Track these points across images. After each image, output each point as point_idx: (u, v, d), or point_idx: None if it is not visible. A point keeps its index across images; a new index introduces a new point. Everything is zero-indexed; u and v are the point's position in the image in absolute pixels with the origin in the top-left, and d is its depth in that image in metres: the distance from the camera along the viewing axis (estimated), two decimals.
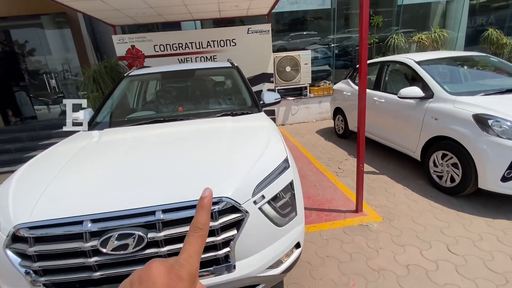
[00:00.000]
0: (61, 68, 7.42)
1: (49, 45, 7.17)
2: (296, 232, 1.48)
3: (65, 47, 7.24)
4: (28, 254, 1.12)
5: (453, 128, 2.73)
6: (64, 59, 7.35)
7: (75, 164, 1.46)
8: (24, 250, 1.12)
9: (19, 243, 1.15)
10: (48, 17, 6.72)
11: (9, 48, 7.18)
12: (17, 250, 1.15)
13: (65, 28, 6.79)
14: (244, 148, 1.59)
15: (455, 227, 2.36)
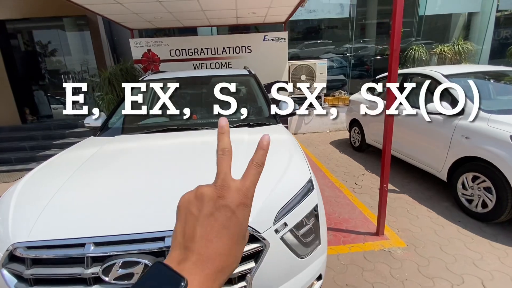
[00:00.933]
0: (79, 69, 7.55)
1: (69, 46, 7.33)
2: (318, 263, 1.32)
3: (83, 49, 7.37)
4: (23, 277, 1.01)
5: (487, 149, 2.51)
6: (82, 60, 7.48)
7: (81, 177, 1.35)
8: (21, 272, 1.00)
9: (16, 263, 1.04)
10: (69, 19, 6.87)
11: (30, 48, 7.38)
12: (14, 271, 1.04)
13: (84, 30, 6.91)
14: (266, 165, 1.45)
15: (489, 260, 2.13)
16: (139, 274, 0.98)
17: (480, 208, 2.62)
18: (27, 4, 6.08)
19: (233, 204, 0.30)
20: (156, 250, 1.01)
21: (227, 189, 0.30)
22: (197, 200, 0.30)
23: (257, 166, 0.33)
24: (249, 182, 0.32)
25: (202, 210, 0.30)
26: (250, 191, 0.31)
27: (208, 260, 0.28)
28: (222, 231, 0.29)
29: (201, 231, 0.29)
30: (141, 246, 1.01)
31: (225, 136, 0.34)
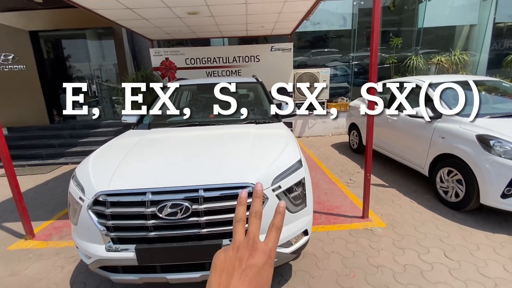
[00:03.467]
0: (100, 75, 8.25)
1: (93, 54, 8.05)
2: (305, 220, 1.80)
3: (106, 57, 8.09)
4: (105, 214, 1.53)
5: (458, 147, 2.94)
6: (105, 67, 8.19)
7: (136, 152, 1.89)
8: (103, 211, 1.53)
9: (99, 206, 1.56)
10: (95, 30, 7.60)
11: (59, 55, 8.13)
12: (97, 211, 1.56)
13: (108, 40, 7.63)
14: (266, 149, 1.95)
15: (454, 237, 2.55)
16: (181, 213, 1.49)
17: (454, 198, 3.04)
18: (58, 17, 6.80)
19: (260, 263, 0.35)
20: (192, 197, 1.52)
21: (255, 250, 0.35)
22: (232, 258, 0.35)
23: (277, 229, 0.38)
24: (271, 244, 0.37)
25: (235, 267, 0.35)
26: (272, 252, 0.36)
27: None
28: (250, 285, 0.33)
29: (234, 284, 0.34)
30: (182, 195, 1.52)
31: (259, 201, 0.39)
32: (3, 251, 2.66)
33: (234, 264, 0.35)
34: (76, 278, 2.21)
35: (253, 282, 0.34)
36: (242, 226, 0.39)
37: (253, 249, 0.36)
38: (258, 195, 0.41)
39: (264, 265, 0.35)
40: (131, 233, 1.54)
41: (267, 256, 0.36)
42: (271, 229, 0.39)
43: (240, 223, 0.40)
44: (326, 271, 2.17)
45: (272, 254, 0.36)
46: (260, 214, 0.39)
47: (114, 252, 1.55)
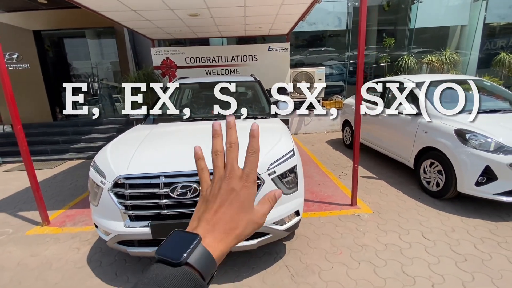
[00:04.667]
0: (101, 74, 8.45)
1: (94, 53, 8.25)
2: (296, 202, 2.06)
3: (108, 56, 8.29)
4: (124, 195, 1.78)
5: (438, 140, 3.22)
6: (106, 65, 8.40)
7: (149, 142, 2.15)
8: (122, 192, 1.78)
9: (118, 188, 1.81)
10: (97, 30, 7.79)
11: (61, 54, 8.32)
12: (117, 192, 1.81)
13: (110, 39, 7.82)
14: (263, 139, 2.20)
15: (433, 221, 2.83)
16: (190, 193, 1.74)
17: (435, 187, 3.32)
18: (61, 17, 6.99)
19: (237, 187, 0.39)
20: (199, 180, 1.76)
21: (233, 177, 0.39)
22: (214, 189, 0.40)
23: (252, 152, 0.40)
24: (248, 169, 0.39)
25: (212, 191, 0.40)
26: (250, 176, 0.39)
27: (214, 225, 0.37)
28: (227, 206, 0.38)
29: (210, 206, 0.38)
30: (191, 178, 1.77)
31: (232, 131, 0.41)
32: (22, 236, 2.90)
33: (214, 192, 0.39)
34: (92, 258, 2.46)
35: (233, 204, 0.38)
36: (220, 158, 0.42)
37: (230, 176, 0.39)
38: (231, 125, 0.41)
39: (242, 188, 0.39)
40: (147, 211, 1.80)
41: (244, 180, 0.39)
42: (247, 154, 0.40)
43: (218, 155, 0.42)
44: (316, 250, 2.44)
45: (250, 177, 0.39)
46: (235, 144, 0.40)
47: (132, 228, 1.80)
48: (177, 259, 0.32)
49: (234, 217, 0.38)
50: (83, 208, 3.49)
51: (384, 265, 2.20)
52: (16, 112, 2.74)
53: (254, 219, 0.40)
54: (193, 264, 0.32)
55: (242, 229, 0.38)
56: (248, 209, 0.39)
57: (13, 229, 3.05)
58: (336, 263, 2.25)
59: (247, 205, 0.39)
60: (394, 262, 2.24)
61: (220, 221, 0.37)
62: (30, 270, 2.34)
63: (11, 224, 3.19)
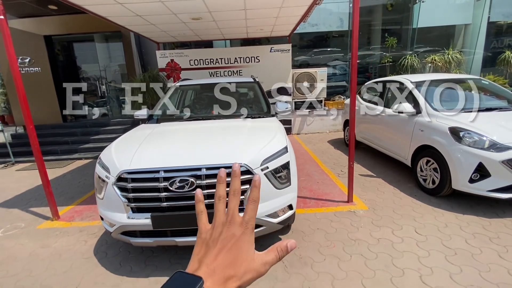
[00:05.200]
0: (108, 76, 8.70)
1: (103, 56, 8.51)
2: (289, 196, 2.16)
3: (115, 59, 8.55)
4: (127, 188, 1.92)
5: (434, 139, 3.28)
6: (113, 68, 8.65)
7: (150, 140, 2.29)
8: (125, 185, 1.91)
9: (122, 182, 1.95)
10: (105, 34, 8.05)
11: (70, 58, 8.61)
12: (120, 186, 1.95)
13: (116, 42, 8.07)
14: (258, 137, 2.33)
15: (427, 217, 2.89)
16: (187, 187, 1.87)
17: (431, 184, 3.37)
18: (70, 22, 7.26)
19: (237, 233, 0.40)
20: (196, 175, 1.89)
21: (234, 223, 0.40)
22: (213, 233, 0.41)
23: (253, 202, 0.42)
24: (248, 216, 0.41)
25: (212, 235, 0.41)
26: (250, 223, 0.41)
27: (214, 270, 0.37)
28: (227, 251, 0.39)
29: (210, 250, 0.39)
30: (188, 173, 1.90)
31: (236, 180, 0.43)
32: (34, 229, 3.08)
33: (215, 237, 0.40)
34: (98, 249, 2.61)
35: (232, 250, 0.38)
36: (222, 204, 0.43)
37: (231, 223, 0.40)
38: (236, 174, 0.43)
39: (241, 235, 0.39)
40: (147, 204, 1.93)
41: (244, 227, 0.40)
42: (248, 203, 0.42)
43: (221, 201, 0.43)
44: (310, 243, 2.53)
45: (249, 224, 0.40)
46: (238, 192, 0.42)
47: (134, 219, 1.94)
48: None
49: (233, 263, 0.38)
50: (91, 204, 3.66)
51: (375, 258, 2.29)
52: (29, 113, 2.92)
53: (254, 266, 0.39)
54: None
55: (240, 275, 0.38)
56: (246, 256, 0.39)
57: (25, 224, 3.24)
58: (328, 256, 2.34)
59: (246, 252, 0.39)
60: (385, 255, 2.32)
61: (220, 266, 0.38)
62: (41, 260, 2.51)
63: (24, 219, 3.38)
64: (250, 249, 0.40)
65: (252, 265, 0.39)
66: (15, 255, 2.61)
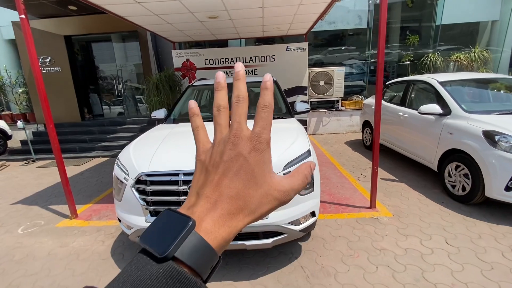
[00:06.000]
0: (125, 76, 8.84)
1: (119, 56, 8.64)
2: (312, 203, 2.05)
3: (130, 58, 8.66)
4: (145, 191, 1.87)
5: (465, 142, 3.06)
6: (129, 68, 8.77)
7: (169, 141, 2.23)
8: (144, 188, 1.86)
9: (140, 184, 1.90)
10: (122, 34, 8.16)
11: (88, 57, 8.80)
12: (139, 188, 1.90)
13: (133, 42, 8.17)
14: (279, 140, 2.22)
15: (457, 227, 2.70)
16: None
17: (461, 191, 3.16)
18: (89, 22, 7.38)
19: (245, 151, 0.29)
20: None
21: (240, 138, 0.30)
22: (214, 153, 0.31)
23: (264, 107, 0.31)
24: (259, 127, 0.30)
25: (212, 157, 0.31)
26: (262, 136, 0.30)
27: (216, 203, 0.28)
28: (232, 176, 0.29)
29: (210, 177, 0.30)
30: None
31: (240, 83, 0.32)
32: (53, 227, 3.11)
33: (216, 159, 0.31)
34: (115, 250, 2.59)
35: (240, 174, 0.29)
36: (224, 114, 0.33)
37: (236, 137, 0.30)
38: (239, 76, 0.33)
39: (250, 152, 0.30)
40: (166, 207, 1.87)
41: (254, 141, 0.30)
42: (258, 110, 0.31)
43: (221, 111, 0.33)
44: (332, 252, 2.41)
45: (261, 137, 0.30)
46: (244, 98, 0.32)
47: None
48: (161, 252, 0.24)
49: (241, 191, 0.29)
50: (108, 203, 3.68)
51: (404, 270, 2.14)
52: (49, 112, 2.94)
53: (273, 193, 0.30)
54: (183, 259, 0.25)
55: (253, 207, 0.29)
56: (261, 180, 0.30)
57: (45, 221, 3.28)
58: (352, 266, 2.21)
59: (260, 174, 0.30)
60: (414, 267, 2.16)
61: (222, 197, 0.29)
62: (59, 260, 2.51)
63: (43, 216, 3.42)
64: (266, 171, 0.30)
65: (269, 192, 0.30)
66: (34, 254, 2.63)
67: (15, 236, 2.99)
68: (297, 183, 0.32)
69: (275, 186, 0.30)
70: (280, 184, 0.31)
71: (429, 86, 3.99)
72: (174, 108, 3.25)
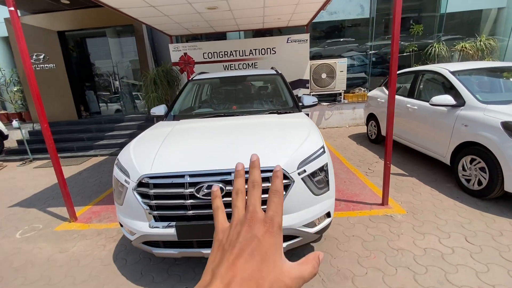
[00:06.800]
0: (121, 72, 8.60)
1: (114, 51, 8.39)
2: (327, 203, 1.91)
3: (126, 54, 8.41)
4: (148, 194, 1.72)
5: (482, 134, 2.92)
6: (126, 63, 8.53)
7: (172, 140, 2.07)
8: (147, 191, 1.71)
9: (143, 188, 1.75)
10: (117, 28, 7.90)
11: (83, 53, 8.55)
12: (141, 192, 1.75)
13: (128, 37, 7.92)
14: (290, 136, 2.07)
15: (476, 224, 2.57)
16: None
17: (477, 186, 3.03)
18: (82, 17, 7.13)
19: (259, 233, 0.32)
20: (226, 180, 1.67)
21: (255, 221, 0.33)
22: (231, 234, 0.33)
23: (276, 193, 0.34)
24: (272, 212, 0.33)
25: (229, 237, 0.33)
26: (275, 220, 0.33)
27: (230, 283, 0.29)
28: (247, 257, 0.30)
29: (226, 256, 0.31)
30: (217, 177, 1.67)
31: (255, 171, 0.36)
32: (52, 231, 2.97)
33: (232, 239, 0.33)
34: (117, 255, 2.46)
35: (254, 256, 0.31)
36: (241, 198, 0.36)
37: (251, 221, 0.33)
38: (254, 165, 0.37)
39: (264, 235, 0.32)
40: (172, 212, 1.72)
41: (268, 225, 0.33)
42: (269, 196, 0.35)
43: (239, 195, 0.36)
44: (347, 253, 2.28)
45: (274, 222, 0.33)
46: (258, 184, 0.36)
47: (157, 229, 1.74)
48: None
49: (254, 273, 0.30)
50: (108, 204, 3.53)
51: (425, 272, 2.01)
52: (43, 110, 2.77)
53: (284, 279, 0.30)
54: None
55: None
56: (273, 264, 0.31)
57: (43, 225, 3.13)
58: (370, 268, 2.09)
59: (272, 258, 0.31)
60: (436, 269, 2.04)
61: (237, 277, 0.29)
62: (59, 267, 2.38)
63: (42, 219, 3.28)
64: (277, 255, 0.32)
65: (280, 278, 0.30)
66: (33, 260, 2.50)
67: (13, 241, 2.85)
68: (307, 272, 0.32)
69: (286, 272, 0.31)
70: (290, 271, 0.31)
71: (440, 76, 3.83)
72: (175, 104, 3.08)
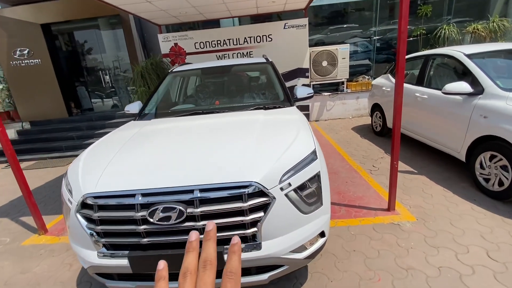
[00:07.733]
0: (113, 65, 8.21)
1: (104, 44, 7.98)
2: (321, 221, 1.54)
3: (117, 46, 7.99)
4: (93, 219, 1.37)
5: (504, 128, 2.50)
6: (116, 56, 8.12)
7: (129, 148, 1.71)
8: (90, 215, 1.37)
9: (86, 209, 1.40)
10: (104, 19, 7.46)
11: (71, 47, 8.16)
12: (85, 215, 1.41)
13: (117, 28, 7.49)
14: (274, 139, 1.69)
15: (498, 233, 2.19)
16: (174, 218, 1.29)
17: (497, 186, 2.63)
18: (67, 8, 6.72)
19: None
20: (186, 200, 1.31)
21: None
22: None
23: (231, 275, 0.31)
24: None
25: None
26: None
27: None
28: None
29: None
30: (176, 196, 1.31)
31: (210, 244, 0.33)
32: (17, 247, 2.68)
33: None
34: (82, 278, 2.15)
35: None
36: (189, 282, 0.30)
37: None
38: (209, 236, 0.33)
39: None
40: (123, 239, 1.38)
41: None
42: (224, 278, 0.30)
43: (187, 279, 0.31)
44: (346, 274, 1.93)
45: None
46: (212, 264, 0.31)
47: (107, 259, 1.40)
48: None
49: None
50: None
51: None
52: None
53: None
54: None
55: None
56: None
57: (11, 238, 2.85)
58: None
59: None
60: None
61: None
62: None
63: (11, 231, 2.99)
64: None
65: None
66: None
67: None
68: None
69: None
70: None
71: (454, 61, 3.37)
72: (149, 101, 2.70)
